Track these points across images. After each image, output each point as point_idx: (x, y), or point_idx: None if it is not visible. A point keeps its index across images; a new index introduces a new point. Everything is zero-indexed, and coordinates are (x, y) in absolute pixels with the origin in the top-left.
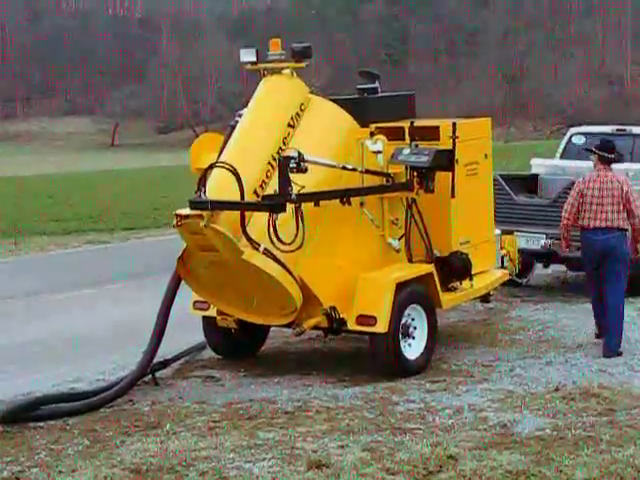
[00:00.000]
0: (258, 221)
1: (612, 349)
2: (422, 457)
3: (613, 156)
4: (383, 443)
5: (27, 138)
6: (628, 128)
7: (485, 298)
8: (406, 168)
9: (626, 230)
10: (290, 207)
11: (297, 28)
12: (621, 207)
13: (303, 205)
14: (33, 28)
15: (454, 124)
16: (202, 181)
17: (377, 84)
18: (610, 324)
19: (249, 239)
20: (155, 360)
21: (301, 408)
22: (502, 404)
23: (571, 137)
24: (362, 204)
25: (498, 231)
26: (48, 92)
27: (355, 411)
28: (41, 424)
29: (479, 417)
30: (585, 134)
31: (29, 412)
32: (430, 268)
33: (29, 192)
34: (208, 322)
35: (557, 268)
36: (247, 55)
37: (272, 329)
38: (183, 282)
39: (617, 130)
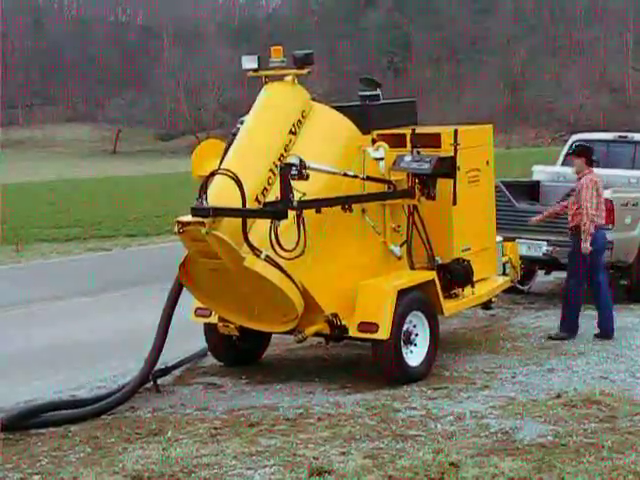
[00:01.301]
0: (260, 228)
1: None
2: (424, 464)
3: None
4: (385, 450)
5: (29, 145)
6: (630, 135)
7: (487, 305)
8: (408, 175)
9: None
10: (292, 214)
11: (299, 35)
12: None
13: (304, 212)
14: (35, 35)
15: (455, 131)
16: (204, 188)
17: (379, 91)
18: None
19: (250, 246)
20: (157, 367)
21: (303, 415)
22: (504, 411)
23: (573, 144)
24: (363, 211)
25: (500, 238)
26: (50, 99)
27: (357, 418)
28: (43, 431)
29: (481, 424)
30: (587, 141)
31: (30, 420)
32: (432, 275)
33: (31, 199)
34: (210, 329)
35: (559, 275)
36: (249, 62)
37: (274, 336)
38: (185, 289)
39: (619, 137)
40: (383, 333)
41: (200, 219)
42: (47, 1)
